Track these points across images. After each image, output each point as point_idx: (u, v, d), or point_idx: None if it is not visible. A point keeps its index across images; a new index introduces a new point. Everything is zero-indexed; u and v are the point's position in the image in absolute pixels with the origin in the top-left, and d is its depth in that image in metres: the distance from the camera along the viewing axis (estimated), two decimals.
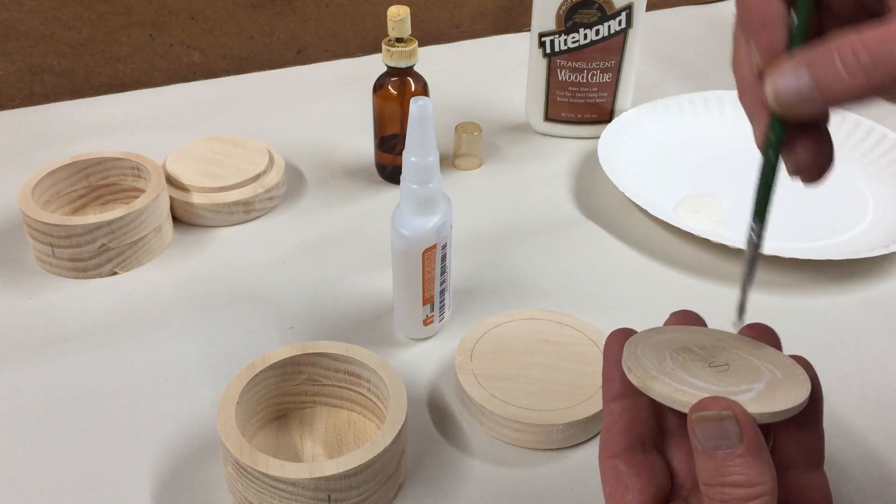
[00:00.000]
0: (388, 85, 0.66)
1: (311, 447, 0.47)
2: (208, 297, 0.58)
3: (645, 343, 0.35)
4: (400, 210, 0.51)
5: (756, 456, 0.30)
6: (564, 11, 0.71)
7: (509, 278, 0.61)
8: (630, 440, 0.35)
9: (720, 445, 0.30)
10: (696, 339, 0.36)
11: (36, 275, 0.60)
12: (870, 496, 0.45)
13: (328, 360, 0.48)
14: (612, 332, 0.37)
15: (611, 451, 0.35)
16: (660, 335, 0.36)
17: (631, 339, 0.36)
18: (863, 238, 0.62)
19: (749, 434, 0.30)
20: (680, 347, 0.35)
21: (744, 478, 0.30)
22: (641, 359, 0.34)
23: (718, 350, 0.35)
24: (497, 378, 0.49)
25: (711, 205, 0.67)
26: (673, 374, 0.33)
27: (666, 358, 0.34)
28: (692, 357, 0.34)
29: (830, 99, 0.30)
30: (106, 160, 0.65)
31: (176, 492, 0.45)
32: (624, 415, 0.36)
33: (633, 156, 0.71)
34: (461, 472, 0.46)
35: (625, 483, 0.35)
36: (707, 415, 0.31)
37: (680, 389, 0.32)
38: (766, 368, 0.34)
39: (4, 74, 0.82)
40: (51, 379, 0.52)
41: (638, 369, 0.33)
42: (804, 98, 0.31)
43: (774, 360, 0.35)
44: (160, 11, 0.84)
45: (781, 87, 0.31)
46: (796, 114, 0.32)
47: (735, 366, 0.34)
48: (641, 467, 0.35)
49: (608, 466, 0.35)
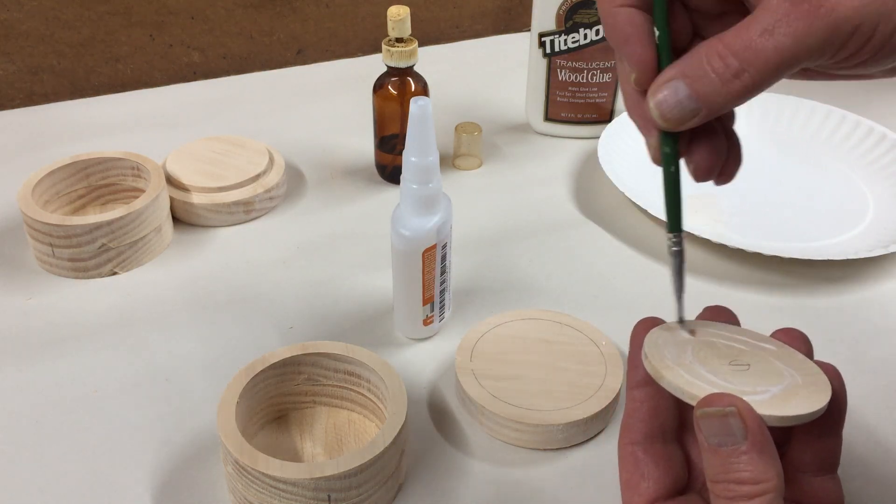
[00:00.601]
0: (388, 85, 0.66)
1: (311, 447, 0.47)
2: (208, 297, 0.58)
3: (670, 333, 0.35)
4: (400, 210, 0.51)
5: (761, 453, 0.30)
6: (564, 11, 0.71)
7: (509, 278, 0.61)
8: (651, 428, 0.35)
9: (724, 442, 0.30)
10: (724, 336, 0.36)
11: (36, 275, 0.60)
12: (870, 496, 0.45)
13: (328, 360, 0.48)
14: (641, 320, 0.37)
15: (630, 438, 0.35)
16: (689, 327, 0.36)
17: (658, 327, 0.36)
18: (863, 238, 0.62)
19: (754, 431, 0.30)
20: (705, 342, 0.35)
21: (749, 475, 0.30)
22: (661, 348, 0.34)
23: (744, 350, 0.35)
24: (497, 378, 0.49)
25: (711, 205, 0.67)
26: (689, 367, 0.32)
27: (687, 350, 0.34)
28: (715, 353, 0.34)
29: (713, 107, 0.31)
30: (106, 160, 0.65)
31: (176, 492, 0.45)
32: (646, 402, 0.36)
33: (633, 156, 0.71)
34: (461, 472, 0.46)
35: (641, 470, 0.35)
36: (710, 411, 0.31)
37: (691, 382, 0.32)
38: (787, 373, 0.34)
39: (4, 74, 0.82)
40: (51, 379, 0.52)
41: (654, 358, 0.33)
42: (687, 110, 0.31)
43: (799, 365, 0.35)
44: (160, 11, 0.84)
45: (663, 104, 0.32)
46: (685, 126, 0.32)
47: (756, 367, 0.34)
48: (660, 457, 0.35)
49: (627, 452, 0.35)
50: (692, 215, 0.65)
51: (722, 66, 0.30)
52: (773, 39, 0.29)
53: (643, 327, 0.37)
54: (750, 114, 0.77)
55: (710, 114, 0.31)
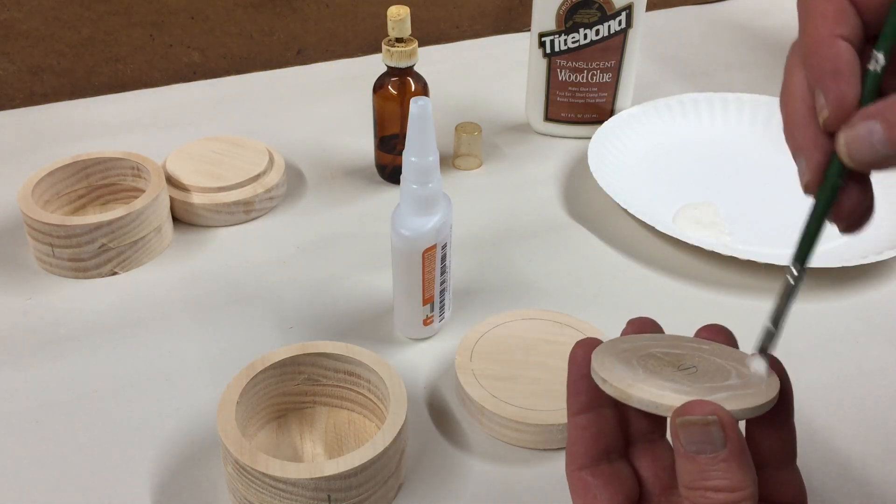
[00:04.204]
0: (388, 85, 0.66)
1: (311, 447, 0.47)
2: (208, 297, 0.58)
3: (611, 353, 0.35)
4: (400, 210, 0.51)
5: (739, 461, 0.30)
6: (564, 11, 0.71)
7: (509, 278, 0.61)
8: (597, 451, 0.36)
9: (703, 450, 0.30)
10: (658, 345, 0.36)
11: (36, 275, 0.60)
12: (871, 497, 0.45)
13: (328, 360, 0.48)
14: (577, 345, 0.37)
15: (577, 464, 0.36)
16: (623, 344, 0.36)
17: (595, 350, 0.36)
18: (857, 244, 0.62)
19: (733, 439, 0.30)
20: (645, 354, 0.35)
21: (726, 482, 0.30)
22: (613, 369, 0.34)
23: (681, 354, 0.35)
24: (497, 378, 0.49)
25: (710, 213, 0.67)
26: (648, 381, 0.33)
27: (635, 366, 0.34)
28: (659, 363, 0.35)
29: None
30: (106, 160, 0.65)
31: (176, 492, 0.45)
32: (589, 427, 0.36)
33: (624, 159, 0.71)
34: (461, 472, 0.46)
35: (593, 493, 0.35)
36: (693, 419, 0.31)
37: (661, 395, 0.32)
38: (732, 367, 0.34)
39: (4, 74, 0.82)
40: (51, 379, 0.52)
41: (614, 380, 0.33)
42: (878, 155, 0.30)
43: (737, 358, 0.35)
44: (160, 11, 0.84)
45: (855, 142, 0.30)
46: (870, 168, 0.31)
47: (702, 367, 0.34)
48: (609, 477, 0.35)
49: (576, 479, 0.36)
50: (692, 225, 0.65)
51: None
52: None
53: (582, 352, 0.36)
54: (753, 119, 0.77)
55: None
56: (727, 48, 0.94)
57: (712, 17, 1.01)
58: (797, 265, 0.34)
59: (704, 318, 0.43)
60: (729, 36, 0.96)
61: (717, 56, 0.92)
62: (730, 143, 0.74)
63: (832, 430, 0.49)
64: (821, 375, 0.53)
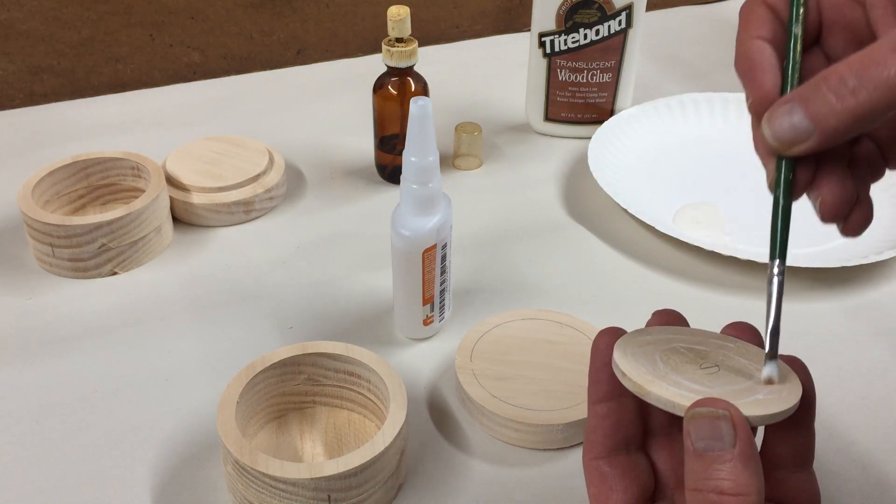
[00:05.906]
0: (388, 85, 0.66)
1: (311, 447, 0.47)
2: (208, 297, 0.58)
3: (634, 345, 0.35)
4: (400, 210, 0.51)
5: (746, 464, 0.29)
6: (564, 11, 0.71)
7: (509, 278, 0.61)
8: (615, 441, 0.35)
9: (712, 447, 0.30)
10: (682, 340, 0.36)
11: (36, 275, 0.60)
12: (871, 497, 0.45)
13: (328, 360, 0.48)
14: (600, 334, 0.37)
15: (595, 453, 0.36)
16: (646, 336, 0.36)
17: (619, 341, 0.36)
18: (857, 244, 0.62)
19: (743, 440, 0.30)
20: (668, 349, 0.35)
21: (730, 484, 0.29)
22: (634, 362, 0.33)
23: (706, 350, 0.35)
24: (497, 378, 0.49)
25: (710, 213, 0.67)
26: (667, 378, 0.32)
27: (657, 360, 0.34)
28: (682, 359, 0.34)
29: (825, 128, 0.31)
30: (106, 160, 0.65)
31: (176, 492, 0.45)
32: (609, 417, 0.36)
33: (624, 159, 0.71)
34: (461, 472, 0.46)
35: (609, 484, 0.35)
36: (702, 412, 0.30)
37: (679, 394, 0.32)
38: (756, 369, 0.34)
39: (4, 74, 0.82)
40: (51, 379, 0.52)
41: (633, 374, 0.33)
42: (800, 131, 0.31)
43: (760, 359, 0.35)
44: (160, 11, 0.84)
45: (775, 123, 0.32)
46: (797, 151, 0.32)
47: (725, 367, 0.34)
48: (625, 468, 0.35)
49: (592, 468, 0.35)
50: (693, 225, 0.65)
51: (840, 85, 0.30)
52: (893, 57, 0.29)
53: (604, 342, 0.36)
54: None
55: (824, 138, 0.31)
56: (727, 48, 0.93)
57: (712, 17, 1.01)
58: (773, 262, 0.35)
59: (705, 319, 0.43)
60: (729, 36, 0.96)
61: (717, 56, 0.92)
62: (730, 143, 0.74)
63: (832, 431, 0.49)
64: (821, 376, 0.53)
